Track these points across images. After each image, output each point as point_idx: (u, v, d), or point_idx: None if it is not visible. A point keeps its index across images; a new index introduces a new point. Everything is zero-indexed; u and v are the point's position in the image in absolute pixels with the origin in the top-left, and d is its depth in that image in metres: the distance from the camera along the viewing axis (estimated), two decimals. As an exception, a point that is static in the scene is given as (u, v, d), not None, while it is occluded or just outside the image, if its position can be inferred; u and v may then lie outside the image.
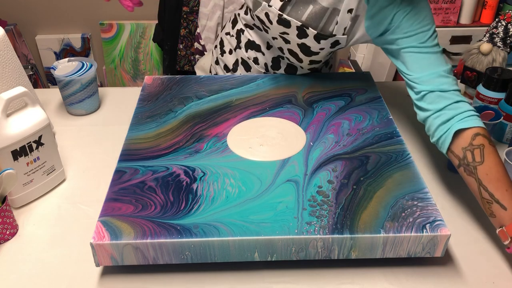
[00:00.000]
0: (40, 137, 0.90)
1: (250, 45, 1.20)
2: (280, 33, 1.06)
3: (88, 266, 0.79)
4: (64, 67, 1.17)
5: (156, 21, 2.24)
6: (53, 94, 1.28)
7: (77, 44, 2.50)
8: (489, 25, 1.25)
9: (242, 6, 1.25)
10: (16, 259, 0.82)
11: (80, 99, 1.17)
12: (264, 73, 1.22)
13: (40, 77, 2.56)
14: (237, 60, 1.26)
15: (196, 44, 2.21)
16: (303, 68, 1.19)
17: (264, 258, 0.76)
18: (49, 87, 2.62)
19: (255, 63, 1.21)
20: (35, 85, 2.48)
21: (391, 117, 1.02)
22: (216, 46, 1.33)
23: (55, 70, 1.16)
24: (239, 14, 1.25)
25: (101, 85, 2.59)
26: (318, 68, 1.22)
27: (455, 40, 1.98)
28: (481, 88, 1.12)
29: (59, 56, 2.52)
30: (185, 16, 2.14)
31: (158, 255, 0.75)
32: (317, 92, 1.11)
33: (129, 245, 0.74)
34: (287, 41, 1.08)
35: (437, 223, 0.76)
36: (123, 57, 2.50)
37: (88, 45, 2.51)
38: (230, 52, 1.27)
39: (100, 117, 1.20)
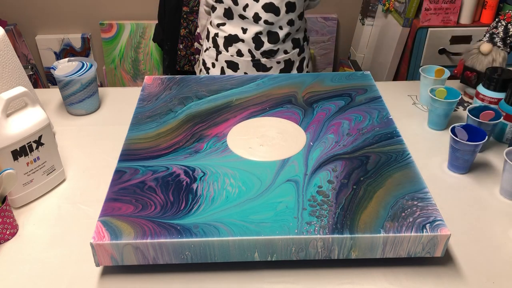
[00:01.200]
0: (40, 137, 0.90)
1: (228, 41, 1.24)
2: None
3: (88, 266, 0.79)
4: (64, 67, 1.17)
5: (156, 21, 2.24)
6: (53, 94, 1.28)
7: (77, 44, 2.50)
8: (489, 25, 1.25)
9: (209, 15, 1.32)
10: (16, 259, 0.82)
11: (80, 99, 1.17)
12: (251, 60, 1.25)
13: (40, 77, 2.56)
14: (222, 68, 1.30)
15: (196, 44, 2.21)
16: (282, 29, 1.24)
17: (264, 258, 0.76)
18: (49, 87, 2.62)
19: (240, 56, 1.25)
20: (35, 85, 2.48)
21: (391, 117, 1.02)
22: (201, 70, 1.38)
23: (55, 70, 1.16)
24: (210, 23, 1.31)
25: (101, 85, 2.59)
26: (297, 27, 1.28)
27: (455, 40, 1.98)
28: (481, 88, 1.12)
29: (59, 56, 2.52)
30: (185, 16, 2.14)
31: (158, 255, 0.75)
32: (317, 92, 1.11)
33: (129, 245, 0.74)
34: None
35: (437, 223, 0.76)
36: (123, 57, 2.50)
37: (88, 45, 2.51)
38: (213, 65, 1.32)
39: (100, 117, 1.20)
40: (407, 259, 0.80)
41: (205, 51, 1.36)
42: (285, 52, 1.29)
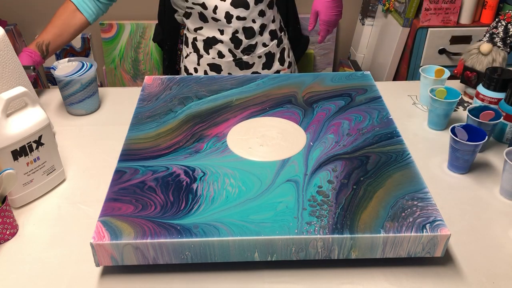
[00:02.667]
0: (40, 137, 0.90)
1: (208, 44, 1.27)
2: None
3: (88, 266, 0.79)
4: (64, 67, 1.17)
5: (156, 21, 2.24)
6: (53, 94, 1.28)
7: (77, 44, 2.50)
8: (489, 25, 1.25)
9: (184, 23, 1.34)
10: (16, 259, 0.82)
11: (80, 99, 1.17)
12: (233, 60, 1.27)
13: (40, 77, 2.56)
14: (205, 71, 1.32)
15: (196, 44, 2.21)
16: (255, 22, 1.26)
17: (264, 258, 0.76)
18: (49, 87, 2.62)
19: (221, 57, 1.27)
20: (35, 85, 2.47)
21: (391, 117, 1.02)
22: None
23: (55, 70, 1.16)
24: (187, 29, 1.33)
25: (101, 85, 2.59)
26: (270, 17, 1.30)
27: (455, 40, 1.98)
28: (481, 88, 1.12)
29: (59, 56, 2.52)
30: (185, 16, 2.14)
31: (158, 255, 0.75)
32: (317, 92, 1.11)
33: (129, 245, 0.74)
34: None
35: (437, 223, 0.76)
36: (123, 57, 2.50)
37: (88, 45, 2.51)
38: (196, 70, 1.34)
39: (100, 117, 1.20)
40: (407, 259, 0.80)
41: (185, 57, 1.37)
42: (264, 45, 1.31)
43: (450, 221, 0.87)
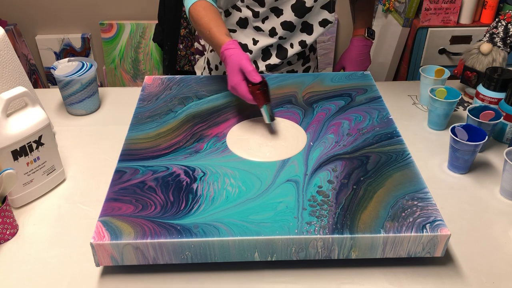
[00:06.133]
0: (40, 137, 0.90)
1: None
2: None
3: (88, 266, 0.79)
4: (64, 67, 1.17)
5: (156, 21, 2.24)
6: (53, 94, 1.28)
7: (77, 44, 2.50)
8: (489, 25, 1.25)
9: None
10: (16, 259, 0.82)
11: (80, 99, 1.17)
12: None
13: (40, 77, 2.56)
14: (224, 72, 1.27)
15: (196, 44, 2.21)
16: (293, 48, 1.19)
17: (264, 258, 0.76)
18: (49, 87, 2.62)
19: None
20: (35, 85, 2.48)
21: (391, 117, 1.02)
22: (204, 68, 1.36)
23: (55, 70, 1.16)
24: None
25: (101, 85, 2.59)
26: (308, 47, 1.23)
27: (455, 40, 1.98)
28: (481, 88, 1.12)
29: (59, 56, 2.52)
30: (185, 16, 2.14)
31: (158, 255, 0.75)
32: (317, 92, 1.11)
33: (129, 245, 0.74)
34: None
35: (437, 223, 0.76)
36: (123, 57, 2.50)
37: (88, 45, 2.51)
38: (217, 68, 1.30)
39: (100, 117, 1.20)
40: (407, 259, 0.80)
41: (211, 51, 1.33)
42: (289, 63, 1.26)
43: (450, 221, 0.87)
